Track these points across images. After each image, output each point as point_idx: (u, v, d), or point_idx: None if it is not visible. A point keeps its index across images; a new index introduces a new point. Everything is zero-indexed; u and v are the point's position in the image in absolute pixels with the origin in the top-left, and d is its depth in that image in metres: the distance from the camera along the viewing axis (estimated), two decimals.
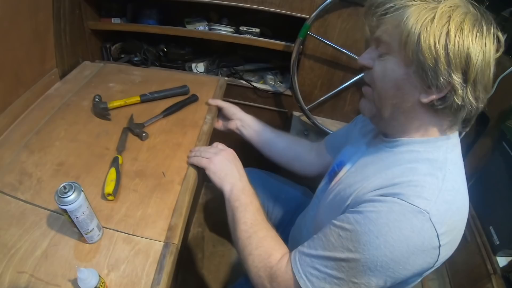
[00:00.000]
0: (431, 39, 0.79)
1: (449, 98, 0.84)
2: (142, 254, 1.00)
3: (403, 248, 0.79)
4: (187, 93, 1.69)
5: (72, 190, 0.88)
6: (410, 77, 0.86)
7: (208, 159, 1.25)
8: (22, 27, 1.43)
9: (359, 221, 0.83)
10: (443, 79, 0.81)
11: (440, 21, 0.79)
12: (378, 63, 0.92)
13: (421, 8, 0.81)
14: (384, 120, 0.97)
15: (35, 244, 0.99)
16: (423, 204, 0.79)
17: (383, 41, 0.89)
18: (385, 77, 0.90)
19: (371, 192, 0.88)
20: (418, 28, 0.80)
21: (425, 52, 0.80)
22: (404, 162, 0.91)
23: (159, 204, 1.15)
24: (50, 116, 1.47)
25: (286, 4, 1.84)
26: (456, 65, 0.80)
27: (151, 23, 2.10)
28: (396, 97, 0.90)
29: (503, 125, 1.56)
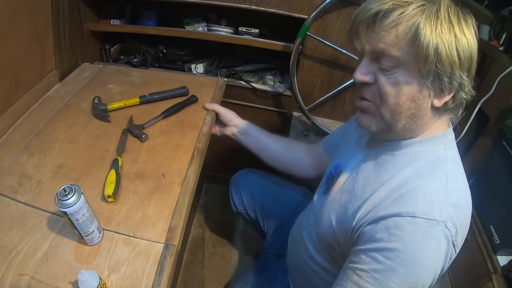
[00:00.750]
0: (446, 48, 0.79)
1: (458, 96, 0.86)
2: (143, 256, 1.00)
3: (435, 262, 0.82)
4: (187, 94, 1.69)
5: (72, 193, 0.88)
6: (425, 87, 0.84)
7: None
8: (21, 29, 1.43)
9: (389, 256, 0.82)
10: (456, 82, 0.82)
11: (447, 25, 0.79)
12: (385, 78, 0.86)
13: (428, 15, 0.79)
14: (395, 131, 0.94)
15: (35, 247, 0.99)
16: (438, 215, 0.80)
17: (391, 55, 0.83)
18: (399, 92, 0.86)
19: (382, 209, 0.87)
20: (434, 39, 0.78)
21: (444, 62, 0.79)
22: (407, 166, 0.91)
23: (159, 206, 1.15)
24: (49, 118, 1.47)
25: (284, 4, 1.85)
26: (466, 65, 0.82)
27: (150, 24, 2.10)
28: (411, 108, 0.87)
29: (503, 124, 1.56)
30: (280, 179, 1.80)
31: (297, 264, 1.32)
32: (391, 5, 0.80)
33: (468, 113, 1.78)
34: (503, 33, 1.63)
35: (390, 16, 0.80)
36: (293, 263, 1.37)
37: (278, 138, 1.63)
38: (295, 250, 1.33)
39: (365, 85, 0.91)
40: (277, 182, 1.78)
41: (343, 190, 1.07)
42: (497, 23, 1.69)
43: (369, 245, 0.87)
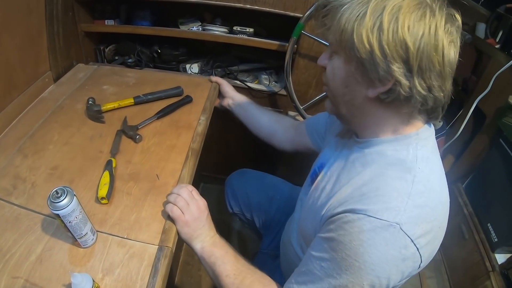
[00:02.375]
0: (363, 33, 0.79)
1: (395, 90, 0.83)
2: (137, 258, 1.00)
3: (382, 263, 0.79)
4: (181, 94, 1.69)
5: (65, 195, 0.87)
6: (353, 74, 0.87)
7: (180, 212, 1.12)
8: (15, 30, 1.43)
9: (334, 248, 0.83)
10: (383, 72, 0.80)
11: (374, 14, 0.78)
12: (329, 63, 0.94)
13: (355, 4, 0.81)
14: (345, 117, 0.99)
15: (29, 249, 0.99)
16: (391, 217, 0.78)
17: (330, 42, 0.90)
18: (334, 76, 0.92)
19: (341, 206, 0.87)
20: (351, 24, 0.80)
21: (359, 47, 0.80)
22: (374, 165, 0.91)
23: (153, 207, 1.16)
24: (44, 119, 1.47)
25: (279, 3, 1.84)
26: (394, 55, 0.79)
27: (145, 24, 2.09)
28: (346, 94, 0.92)
29: (500, 122, 1.57)
30: (276, 179, 1.81)
31: (289, 266, 1.32)
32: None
33: (465, 111, 1.78)
34: (499, 31, 1.64)
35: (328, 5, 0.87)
36: (285, 264, 1.38)
37: (265, 111, 1.74)
38: (286, 252, 1.34)
39: (324, 71, 0.97)
40: (273, 183, 1.79)
41: (317, 188, 1.08)
42: (493, 21, 1.70)
43: (323, 234, 0.89)
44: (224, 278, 1.07)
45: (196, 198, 1.17)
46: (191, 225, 1.12)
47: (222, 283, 1.07)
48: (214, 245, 1.14)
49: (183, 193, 1.14)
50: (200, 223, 1.14)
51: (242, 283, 1.05)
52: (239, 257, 1.13)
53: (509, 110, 1.52)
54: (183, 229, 1.11)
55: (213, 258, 1.10)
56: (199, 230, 1.14)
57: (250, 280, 1.06)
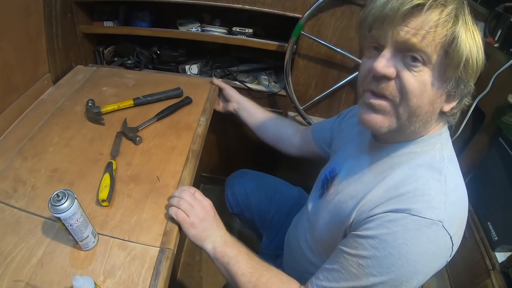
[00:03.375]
0: (473, 57, 0.78)
1: (462, 101, 0.86)
2: (138, 260, 1.00)
3: (424, 260, 0.81)
4: (181, 95, 1.69)
5: (65, 198, 0.87)
6: (445, 91, 0.83)
7: (185, 215, 1.10)
8: (14, 32, 1.43)
9: (376, 246, 0.82)
10: (467, 89, 0.83)
11: (471, 33, 0.78)
12: (411, 75, 0.81)
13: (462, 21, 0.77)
14: (404, 133, 0.92)
15: (30, 252, 0.99)
16: (435, 215, 0.79)
17: (423, 52, 0.78)
18: (423, 92, 0.82)
19: (378, 207, 0.86)
20: (468, 47, 0.77)
21: (468, 70, 0.79)
22: (403, 166, 0.90)
23: (154, 209, 1.15)
24: (43, 121, 1.47)
25: (278, 3, 1.84)
26: (478, 73, 0.82)
27: (144, 25, 2.09)
28: (428, 112, 0.85)
29: (499, 120, 1.56)
30: (275, 179, 1.82)
31: (294, 267, 1.32)
32: (432, 0, 0.75)
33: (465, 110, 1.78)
34: (498, 30, 1.63)
35: (432, 13, 0.76)
36: (290, 265, 1.38)
37: (271, 116, 1.73)
38: (292, 253, 1.33)
39: (384, 80, 0.84)
40: (272, 183, 1.79)
41: (338, 192, 1.07)
42: (492, 19, 1.69)
43: (360, 232, 0.87)
44: (239, 277, 1.06)
45: (200, 199, 1.15)
46: (198, 227, 1.11)
47: (238, 282, 1.06)
48: (226, 245, 1.12)
49: (186, 196, 1.13)
50: (207, 224, 1.13)
51: (259, 280, 1.04)
52: (253, 255, 1.12)
53: (508, 109, 1.51)
54: (190, 231, 1.10)
55: (226, 258, 1.09)
56: (208, 231, 1.13)
57: (267, 277, 1.05)
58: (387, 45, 0.82)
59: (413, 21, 0.77)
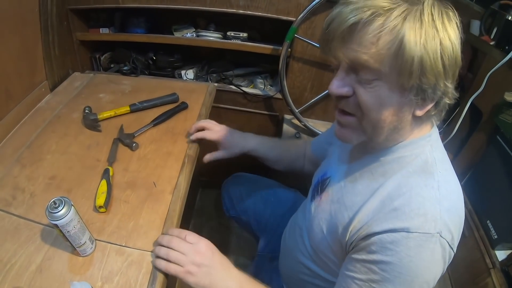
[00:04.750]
0: (431, 59, 0.74)
1: (441, 102, 0.83)
2: (135, 265, 1.01)
3: (430, 270, 0.83)
4: (177, 101, 1.70)
5: (62, 205, 0.89)
6: (409, 100, 0.81)
7: (176, 266, 1.00)
8: (10, 41, 1.44)
9: (385, 269, 0.83)
10: (439, 91, 0.79)
11: (431, 31, 0.74)
12: (365, 91, 0.81)
13: (412, 22, 0.73)
14: (376, 142, 0.92)
15: (29, 259, 1.00)
16: (432, 228, 0.80)
17: (371, 68, 0.77)
18: (381, 106, 0.82)
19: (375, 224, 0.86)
20: (419, 51, 0.73)
21: (429, 74, 0.75)
22: (396, 175, 0.90)
23: (151, 215, 1.16)
24: (41, 129, 1.48)
25: (272, 7, 1.85)
26: (451, 73, 0.78)
27: (140, 31, 2.10)
28: (393, 121, 0.84)
29: (496, 118, 1.57)
30: (271, 182, 1.82)
31: (290, 269, 1.33)
32: (370, 14, 0.74)
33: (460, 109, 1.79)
34: (494, 28, 1.64)
35: (369, 28, 0.74)
36: (285, 267, 1.38)
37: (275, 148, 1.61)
38: (288, 255, 1.34)
39: (343, 98, 0.86)
40: (268, 185, 1.80)
41: (332, 200, 1.06)
42: (488, 17, 1.71)
43: (365, 256, 0.87)
44: None
45: (193, 242, 1.05)
46: (197, 274, 1.00)
47: None
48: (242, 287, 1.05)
49: (174, 244, 1.02)
50: (206, 269, 1.01)
51: None
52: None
53: (505, 107, 1.52)
54: (189, 280, 1.00)
55: None
56: (211, 276, 1.01)
57: None
58: (340, 65, 0.84)
59: (354, 39, 0.77)
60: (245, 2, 1.85)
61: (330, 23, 0.80)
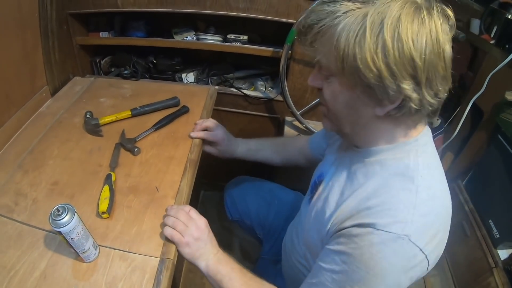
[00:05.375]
0: (368, 57, 0.75)
1: (405, 105, 0.81)
2: (139, 271, 1.01)
3: (393, 273, 0.82)
4: (178, 104, 1.70)
5: (66, 212, 0.89)
6: (358, 97, 0.84)
7: (180, 235, 1.09)
8: (10, 47, 1.44)
9: (346, 261, 0.84)
10: (392, 92, 0.78)
11: (373, 32, 0.74)
12: (326, 85, 0.90)
13: (350, 22, 0.76)
14: (348, 134, 0.98)
15: (33, 265, 1.00)
16: (400, 229, 0.80)
17: (323, 65, 0.87)
18: (335, 99, 0.89)
19: (348, 220, 0.88)
20: (352, 47, 0.76)
21: (366, 72, 0.76)
22: (376, 177, 0.91)
23: (154, 220, 1.16)
24: (43, 134, 1.48)
25: (272, 10, 1.85)
26: (402, 74, 0.76)
27: (139, 35, 2.10)
28: (350, 115, 0.90)
29: (497, 118, 1.58)
30: (273, 185, 1.83)
31: (291, 271, 1.34)
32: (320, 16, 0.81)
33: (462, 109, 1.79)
34: (494, 26, 1.65)
35: (315, 27, 0.82)
36: (287, 270, 1.39)
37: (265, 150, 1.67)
38: (288, 258, 1.35)
39: (318, 91, 0.95)
40: (271, 189, 1.81)
41: (319, 198, 1.10)
42: (487, 16, 1.71)
43: (332, 246, 0.90)
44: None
45: (194, 218, 1.15)
46: (192, 246, 1.10)
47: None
48: (219, 262, 1.13)
49: (180, 216, 1.12)
50: (201, 243, 1.12)
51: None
52: (245, 271, 1.13)
53: (506, 106, 1.53)
54: (184, 250, 1.10)
55: (219, 275, 1.10)
56: (201, 249, 1.12)
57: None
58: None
59: (307, 39, 0.86)
60: (245, 4, 1.85)
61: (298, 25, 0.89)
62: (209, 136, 1.54)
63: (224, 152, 1.61)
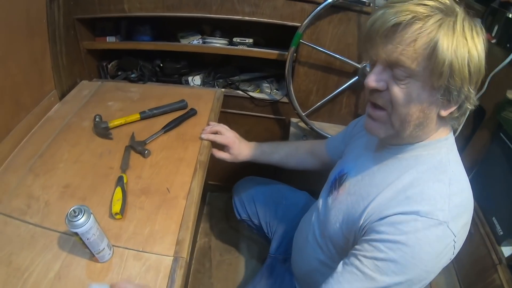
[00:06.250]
0: (460, 64, 0.80)
1: (463, 106, 0.88)
2: (153, 270, 1.02)
3: (434, 259, 0.86)
4: (186, 107, 1.71)
5: (82, 214, 0.90)
6: (436, 100, 0.86)
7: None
8: (19, 52, 1.46)
9: (391, 247, 0.86)
10: (463, 95, 0.85)
11: (462, 40, 0.80)
12: (397, 87, 0.88)
13: (446, 30, 0.80)
14: (402, 137, 0.97)
15: (47, 267, 1.01)
16: (441, 216, 0.84)
17: (406, 66, 0.84)
18: (410, 102, 0.88)
19: (387, 209, 0.91)
20: (450, 55, 0.79)
21: (456, 77, 0.81)
22: (411, 170, 0.95)
23: (166, 220, 1.17)
24: (52, 138, 1.49)
25: (276, 13, 1.87)
26: (475, 80, 0.84)
27: (146, 39, 2.11)
28: (419, 118, 0.90)
29: (499, 116, 1.58)
30: (281, 185, 1.85)
31: (304, 268, 1.34)
32: (410, 18, 0.81)
33: None
34: (495, 26, 1.64)
35: (409, 29, 0.82)
36: (299, 267, 1.40)
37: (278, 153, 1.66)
38: (300, 254, 1.35)
39: (377, 92, 0.93)
40: (279, 188, 1.82)
41: (349, 193, 1.10)
42: (488, 15, 1.71)
43: (373, 236, 0.91)
44: None
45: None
46: None
47: None
48: None
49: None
50: None
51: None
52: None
53: (507, 105, 1.53)
54: None
55: None
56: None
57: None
58: (378, 61, 0.90)
59: (394, 38, 0.84)
60: (251, 9, 1.86)
61: (374, 23, 0.87)
62: (219, 138, 1.56)
63: (237, 155, 1.61)
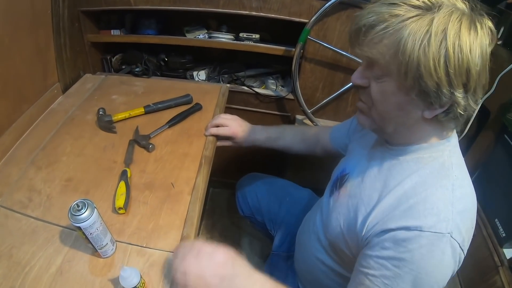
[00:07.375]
0: (431, 65, 0.77)
1: (452, 110, 0.85)
2: (157, 266, 1.01)
3: (441, 270, 0.85)
4: (191, 102, 1.70)
5: (85, 208, 0.88)
6: (412, 100, 0.85)
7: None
8: (23, 44, 1.44)
9: (397, 265, 0.85)
10: (445, 98, 0.81)
11: (436, 39, 0.76)
12: (376, 84, 0.90)
13: (416, 28, 0.77)
14: (387, 133, 0.98)
15: (49, 261, 0.99)
16: (444, 227, 0.82)
17: (379, 64, 0.85)
18: (385, 99, 0.89)
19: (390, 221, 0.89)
20: (416, 53, 0.77)
21: (426, 79, 0.79)
22: (413, 174, 0.93)
23: (170, 215, 1.16)
24: (55, 131, 1.48)
25: (284, 9, 1.85)
26: (458, 83, 0.79)
27: (151, 33, 2.10)
28: (398, 116, 0.90)
29: (504, 118, 1.57)
30: (285, 182, 1.84)
31: (306, 266, 1.34)
32: (381, 17, 0.81)
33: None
34: (501, 27, 1.63)
35: (377, 28, 0.82)
36: (301, 265, 1.39)
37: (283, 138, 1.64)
38: (303, 252, 1.34)
39: (361, 88, 0.95)
40: (282, 185, 1.82)
41: (350, 195, 1.09)
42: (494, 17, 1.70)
43: (378, 252, 0.89)
44: None
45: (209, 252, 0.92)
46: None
47: None
48: None
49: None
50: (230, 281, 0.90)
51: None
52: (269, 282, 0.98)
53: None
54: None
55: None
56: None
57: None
58: (362, 59, 0.93)
59: (366, 39, 0.85)
60: (258, 3, 1.85)
61: (352, 23, 0.89)
62: (223, 131, 1.55)
63: (243, 142, 1.62)
